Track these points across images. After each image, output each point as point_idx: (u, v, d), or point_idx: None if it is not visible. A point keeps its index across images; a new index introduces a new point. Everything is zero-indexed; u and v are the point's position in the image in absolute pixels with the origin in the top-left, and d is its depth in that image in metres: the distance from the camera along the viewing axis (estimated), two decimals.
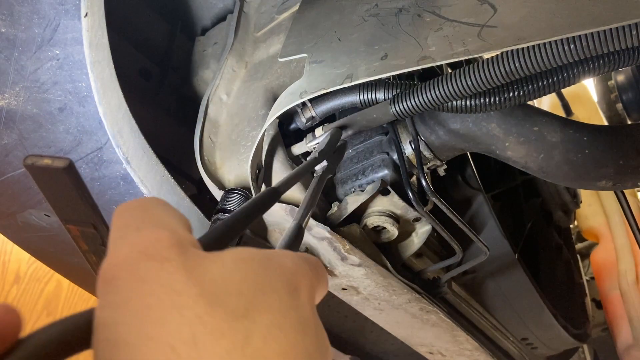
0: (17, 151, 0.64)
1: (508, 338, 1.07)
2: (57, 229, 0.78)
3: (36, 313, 1.40)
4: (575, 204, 1.31)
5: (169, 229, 0.24)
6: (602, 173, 0.60)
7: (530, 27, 0.45)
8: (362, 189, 0.69)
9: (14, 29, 0.56)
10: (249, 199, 0.61)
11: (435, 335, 0.85)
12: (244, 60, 0.81)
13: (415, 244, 0.74)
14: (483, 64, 0.51)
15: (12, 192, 0.70)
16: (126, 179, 0.64)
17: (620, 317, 1.35)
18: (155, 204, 0.27)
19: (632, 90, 1.23)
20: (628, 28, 0.44)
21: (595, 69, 0.51)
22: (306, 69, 0.58)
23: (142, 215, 0.25)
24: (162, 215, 0.26)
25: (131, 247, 0.23)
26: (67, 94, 0.59)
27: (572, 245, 1.44)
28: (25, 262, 1.41)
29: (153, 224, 0.24)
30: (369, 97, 0.61)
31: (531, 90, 0.54)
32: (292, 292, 0.25)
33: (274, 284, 0.24)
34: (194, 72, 0.86)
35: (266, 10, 0.85)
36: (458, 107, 0.57)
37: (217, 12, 0.93)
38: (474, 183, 0.94)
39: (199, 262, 0.23)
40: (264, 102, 0.70)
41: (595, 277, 1.49)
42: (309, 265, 0.28)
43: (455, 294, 0.87)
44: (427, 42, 0.50)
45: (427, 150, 0.69)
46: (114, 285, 0.22)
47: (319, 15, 0.65)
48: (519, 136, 0.62)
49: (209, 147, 0.70)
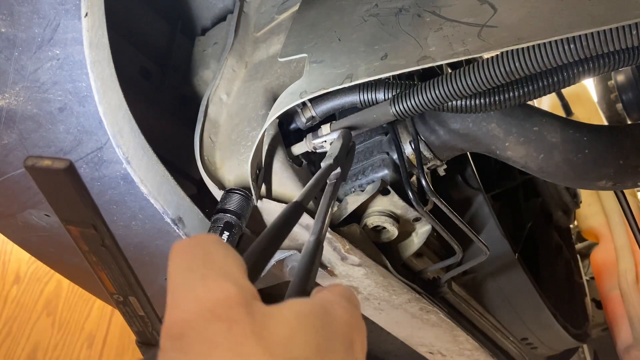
0: (17, 151, 0.64)
1: (508, 338, 1.07)
2: (57, 229, 0.78)
3: (36, 313, 1.40)
4: (575, 204, 1.31)
5: (234, 281, 0.24)
6: (602, 173, 0.60)
7: (530, 27, 0.45)
8: (362, 188, 0.69)
9: (14, 29, 0.56)
10: (249, 199, 0.61)
11: (435, 335, 0.85)
12: (244, 60, 0.81)
13: (415, 244, 0.74)
14: (483, 64, 0.51)
15: (12, 192, 0.70)
16: (126, 179, 0.64)
17: (620, 317, 1.35)
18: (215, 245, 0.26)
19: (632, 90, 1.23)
20: (628, 28, 0.44)
21: (595, 69, 0.51)
22: (306, 69, 0.58)
23: (204, 259, 0.25)
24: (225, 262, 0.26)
25: (199, 304, 0.23)
26: (67, 93, 0.59)
27: (572, 245, 1.44)
28: (25, 262, 1.41)
29: (217, 273, 0.24)
30: (369, 97, 0.61)
31: (531, 90, 0.54)
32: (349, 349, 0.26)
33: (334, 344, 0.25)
34: (194, 72, 0.86)
35: (266, 10, 0.85)
36: (458, 107, 0.57)
37: (217, 12, 0.93)
38: (474, 183, 0.94)
39: (265, 323, 0.23)
40: (264, 102, 0.70)
41: (595, 277, 1.49)
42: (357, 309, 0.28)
43: (455, 294, 0.87)
44: (427, 42, 0.50)
45: (427, 150, 0.69)
46: (183, 344, 0.22)
47: (319, 15, 0.65)
48: (519, 136, 0.62)
49: (209, 147, 0.70)
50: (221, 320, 0.22)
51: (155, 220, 0.67)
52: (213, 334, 0.22)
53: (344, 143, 0.56)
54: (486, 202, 0.92)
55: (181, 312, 0.23)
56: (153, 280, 0.79)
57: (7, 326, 1.32)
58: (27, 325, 1.36)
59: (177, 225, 0.66)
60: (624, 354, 1.33)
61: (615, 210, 1.44)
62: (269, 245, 0.32)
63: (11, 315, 1.34)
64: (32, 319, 1.38)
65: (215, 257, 0.25)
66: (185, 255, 0.25)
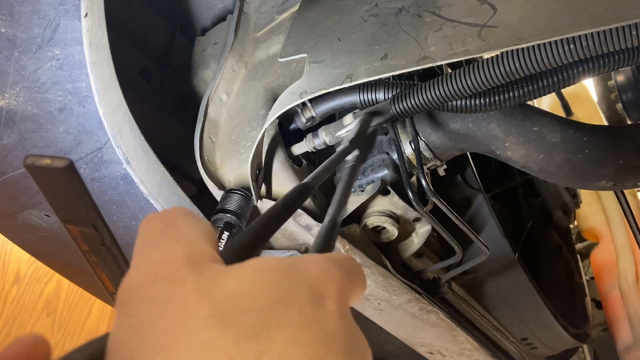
0: (17, 151, 0.64)
1: (508, 338, 1.07)
2: (57, 229, 0.78)
3: (36, 313, 1.40)
4: (575, 204, 1.31)
5: (186, 243, 0.23)
6: (602, 173, 0.60)
7: (530, 27, 0.45)
8: (362, 189, 0.69)
9: (14, 29, 0.56)
10: (249, 199, 0.61)
11: (435, 335, 0.85)
12: (244, 60, 0.81)
13: (415, 244, 0.74)
14: (483, 64, 0.51)
15: (12, 192, 0.70)
16: (126, 179, 0.64)
17: (620, 317, 1.35)
18: (178, 215, 0.26)
19: (632, 90, 1.23)
20: (628, 28, 0.44)
21: (595, 69, 0.51)
22: (306, 69, 0.58)
23: (163, 229, 0.24)
24: (184, 228, 0.25)
25: (147, 267, 0.22)
26: (67, 94, 0.59)
27: (572, 245, 1.44)
28: (25, 262, 1.41)
29: (172, 239, 0.24)
30: (369, 97, 0.61)
31: (531, 90, 0.54)
32: (316, 301, 0.23)
33: (295, 295, 0.22)
34: (194, 72, 0.86)
35: (266, 10, 0.85)
36: (458, 107, 0.57)
37: (217, 12, 0.93)
38: (474, 183, 0.94)
39: (214, 280, 0.22)
40: (264, 102, 0.70)
41: (595, 277, 1.49)
42: (340, 267, 0.25)
43: (455, 294, 0.87)
44: (427, 42, 0.50)
45: (427, 150, 0.69)
46: (129, 307, 0.21)
47: (319, 15, 0.65)
48: (519, 136, 0.62)
49: (209, 147, 0.70)
50: (164, 280, 0.21)
51: None
52: (155, 294, 0.21)
53: (362, 126, 0.54)
54: (486, 202, 0.92)
55: (130, 279, 0.22)
56: None
57: (7, 326, 1.32)
58: (27, 325, 1.36)
59: None
60: (624, 354, 1.33)
61: (615, 210, 1.44)
62: (269, 223, 0.30)
63: (11, 315, 1.34)
64: (32, 319, 1.38)
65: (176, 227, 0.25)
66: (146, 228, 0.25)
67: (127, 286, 0.22)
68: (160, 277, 0.22)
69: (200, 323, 0.20)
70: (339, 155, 0.47)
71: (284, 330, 0.21)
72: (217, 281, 0.22)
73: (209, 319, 0.20)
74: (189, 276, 0.22)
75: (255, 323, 0.21)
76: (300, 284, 0.23)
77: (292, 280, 0.23)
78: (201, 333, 0.20)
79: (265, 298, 0.22)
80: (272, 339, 0.20)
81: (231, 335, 0.20)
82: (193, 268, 0.22)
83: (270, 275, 0.23)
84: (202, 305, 0.21)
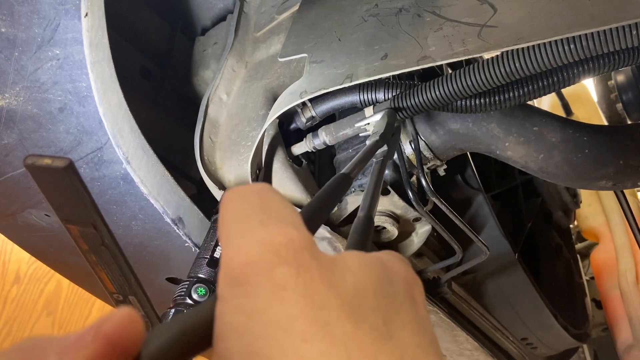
0: (17, 151, 0.64)
1: (508, 338, 1.07)
2: (57, 229, 0.78)
3: (36, 313, 1.40)
4: (575, 204, 1.31)
5: (294, 225, 0.22)
6: (602, 173, 0.60)
7: (530, 27, 0.45)
8: (362, 188, 0.69)
9: (14, 29, 0.56)
10: None
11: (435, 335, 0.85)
12: (244, 60, 0.81)
13: (415, 244, 0.74)
14: (483, 64, 0.51)
15: (12, 192, 0.70)
16: (126, 179, 0.64)
17: (620, 317, 1.35)
18: (272, 193, 0.24)
19: (632, 90, 1.23)
20: (628, 28, 0.44)
21: (595, 69, 0.51)
22: (306, 69, 0.58)
23: (261, 205, 0.23)
24: (283, 208, 0.23)
25: (262, 247, 0.20)
26: (67, 94, 0.59)
27: (572, 245, 1.44)
28: (25, 262, 1.41)
29: (277, 218, 0.22)
30: (369, 97, 0.61)
31: (531, 90, 0.54)
32: (413, 304, 0.23)
33: (400, 298, 0.23)
34: (194, 72, 0.86)
35: (266, 10, 0.85)
36: (458, 107, 0.57)
37: (217, 12, 0.93)
38: (474, 183, 0.94)
39: (332, 270, 0.21)
40: (264, 102, 0.70)
41: (595, 277, 1.49)
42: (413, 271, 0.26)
43: (455, 293, 0.87)
44: (427, 42, 0.50)
45: (427, 150, 0.69)
46: (247, 289, 0.20)
47: (319, 15, 0.65)
48: (519, 136, 0.62)
49: (209, 147, 0.70)
50: (288, 263, 0.20)
51: (155, 220, 0.67)
52: (281, 277, 0.20)
53: (389, 121, 0.54)
54: (486, 202, 0.92)
55: (244, 256, 0.20)
56: (153, 280, 0.79)
57: (7, 326, 1.32)
58: (27, 325, 1.36)
59: (177, 225, 0.66)
60: (624, 354, 1.33)
61: (615, 210, 1.44)
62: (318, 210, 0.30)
63: (11, 315, 1.34)
64: (32, 319, 1.38)
65: (272, 204, 0.23)
66: (240, 202, 0.23)
67: (243, 264, 0.20)
68: (282, 260, 0.20)
69: (334, 314, 0.19)
70: (370, 149, 0.48)
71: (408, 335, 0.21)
72: (335, 272, 0.21)
73: (340, 310, 0.20)
74: (311, 262, 0.21)
75: (382, 323, 0.20)
76: (399, 286, 0.23)
77: (394, 282, 0.23)
78: (339, 326, 0.19)
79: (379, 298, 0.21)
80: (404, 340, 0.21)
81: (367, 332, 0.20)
82: (311, 254, 0.21)
83: (375, 273, 0.22)
84: (332, 295, 0.20)
